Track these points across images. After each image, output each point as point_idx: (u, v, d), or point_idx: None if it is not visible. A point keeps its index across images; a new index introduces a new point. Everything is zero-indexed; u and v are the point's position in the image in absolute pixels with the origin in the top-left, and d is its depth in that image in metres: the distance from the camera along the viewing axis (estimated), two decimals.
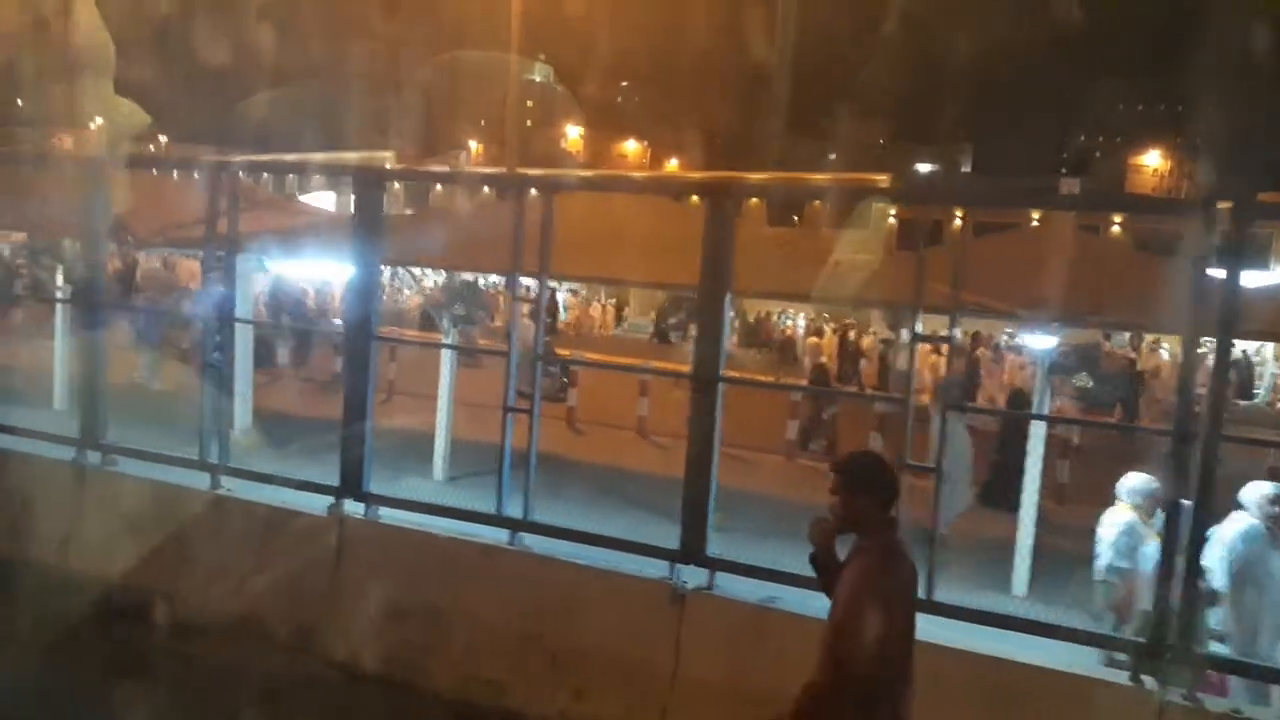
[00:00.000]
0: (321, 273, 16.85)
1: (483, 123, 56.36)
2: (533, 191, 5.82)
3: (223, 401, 6.34)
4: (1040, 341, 6.30)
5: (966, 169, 59.51)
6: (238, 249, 6.55)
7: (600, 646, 5.32)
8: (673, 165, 56.68)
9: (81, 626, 6.08)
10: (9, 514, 6.88)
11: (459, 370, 9.87)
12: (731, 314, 8.13)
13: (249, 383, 10.86)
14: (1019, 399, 9.81)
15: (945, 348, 5.49)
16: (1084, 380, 9.91)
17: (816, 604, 5.15)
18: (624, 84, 64.02)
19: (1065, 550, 7.18)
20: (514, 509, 5.79)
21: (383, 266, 6.12)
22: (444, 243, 6.18)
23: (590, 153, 56.07)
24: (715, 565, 5.29)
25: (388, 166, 33.82)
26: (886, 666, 3.03)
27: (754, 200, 7.95)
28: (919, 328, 4.99)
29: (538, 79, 61.81)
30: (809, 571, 4.86)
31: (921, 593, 4.96)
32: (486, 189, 7.96)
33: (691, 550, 5.33)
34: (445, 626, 5.73)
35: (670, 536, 5.48)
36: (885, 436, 10.42)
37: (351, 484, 6.12)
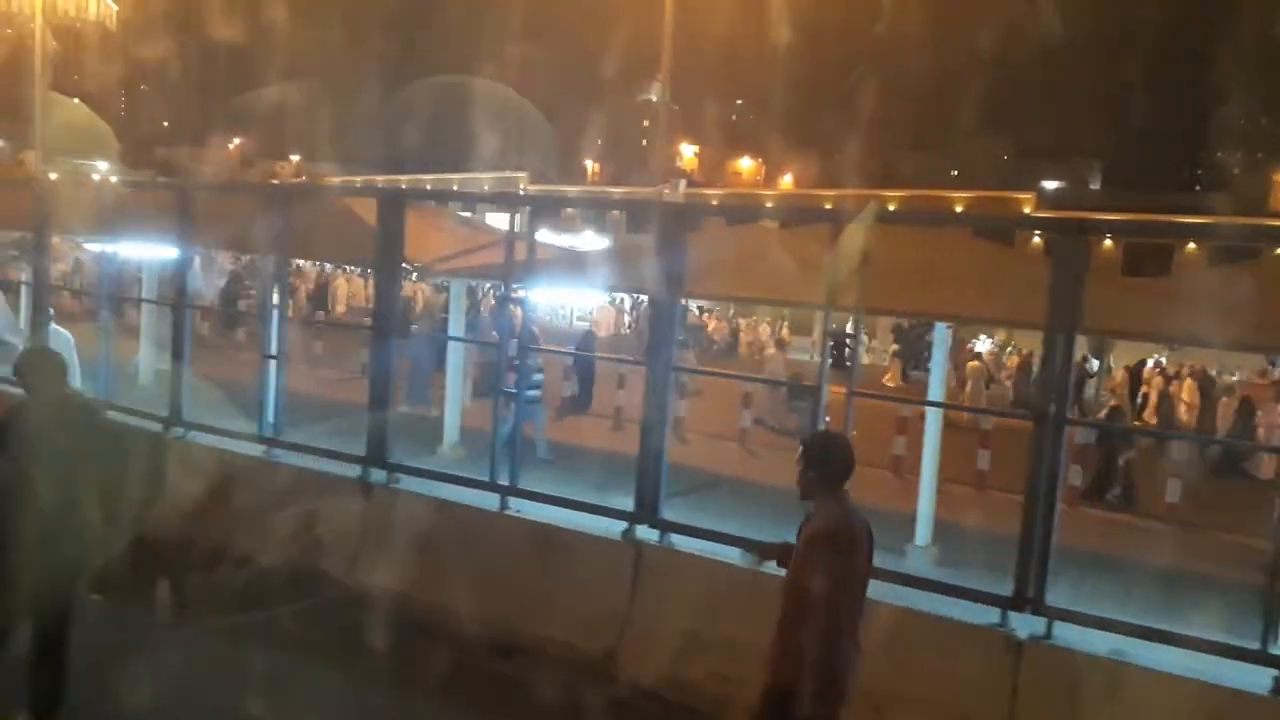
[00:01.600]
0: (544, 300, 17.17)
1: (599, 141, 57.10)
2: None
3: (520, 427, 6.48)
4: None
5: (1095, 185, 57.27)
6: (523, 281, 6.71)
7: (928, 694, 5.20)
8: (787, 183, 56.36)
9: (380, 640, 6.30)
10: (299, 528, 7.18)
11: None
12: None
13: (459, 400, 11.19)
14: None
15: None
16: None
17: (1167, 659, 4.97)
18: (739, 101, 64.05)
19: None
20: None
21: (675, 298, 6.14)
22: (741, 274, 6.20)
23: (704, 170, 56.13)
24: (1056, 615, 5.12)
25: (522, 188, 34.32)
26: (839, 608, 3.61)
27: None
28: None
29: (654, 98, 62.29)
30: (1156, 624, 4.65)
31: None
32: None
33: (1028, 597, 5.17)
34: (752, 660, 5.69)
35: (988, 581, 5.36)
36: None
37: (647, 510, 6.18)
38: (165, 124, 66.72)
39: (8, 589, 4.25)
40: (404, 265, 7.37)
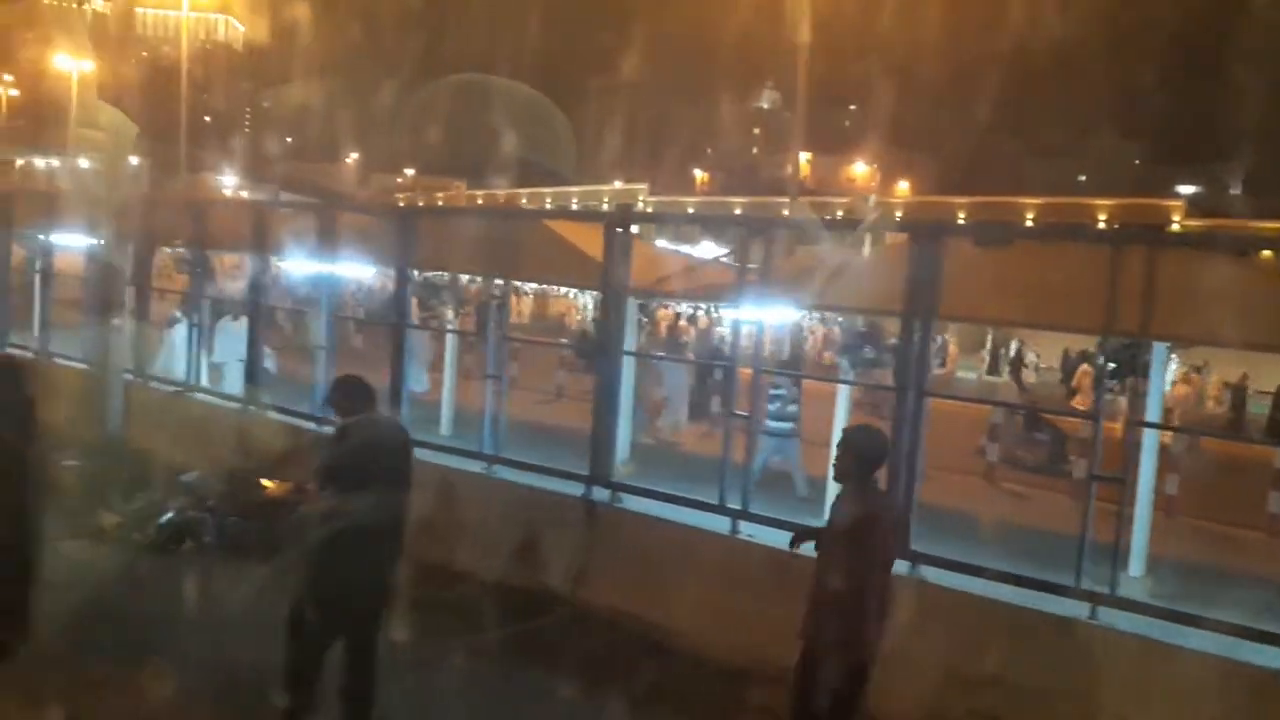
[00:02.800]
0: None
1: (709, 151, 57.09)
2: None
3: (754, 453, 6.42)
4: None
5: (1235, 190, 54.13)
6: (757, 302, 6.66)
7: None
8: (903, 189, 55.23)
9: (621, 661, 6.31)
10: (521, 544, 7.28)
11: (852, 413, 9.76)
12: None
13: (630, 417, 11.23)
14: None
15: None
16: None
17: None
18: (851, 106, 63.15)
19: None
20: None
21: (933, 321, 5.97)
22: (997, 294, 5.99)
23: (816, 177, 55.54)
24: None
25: (642, 200, 34.56)
26: (858, 590, 4.11)
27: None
28: None
29: (766, 106, 62.10)
30: None
31: None
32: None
33: None
34: (1020, 701, 5.48)
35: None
36: None
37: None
38: (289, 140, 69.87)
39: (346, 602, 4.45)
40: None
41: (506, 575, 7.16)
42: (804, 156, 59.03)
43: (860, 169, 55.82)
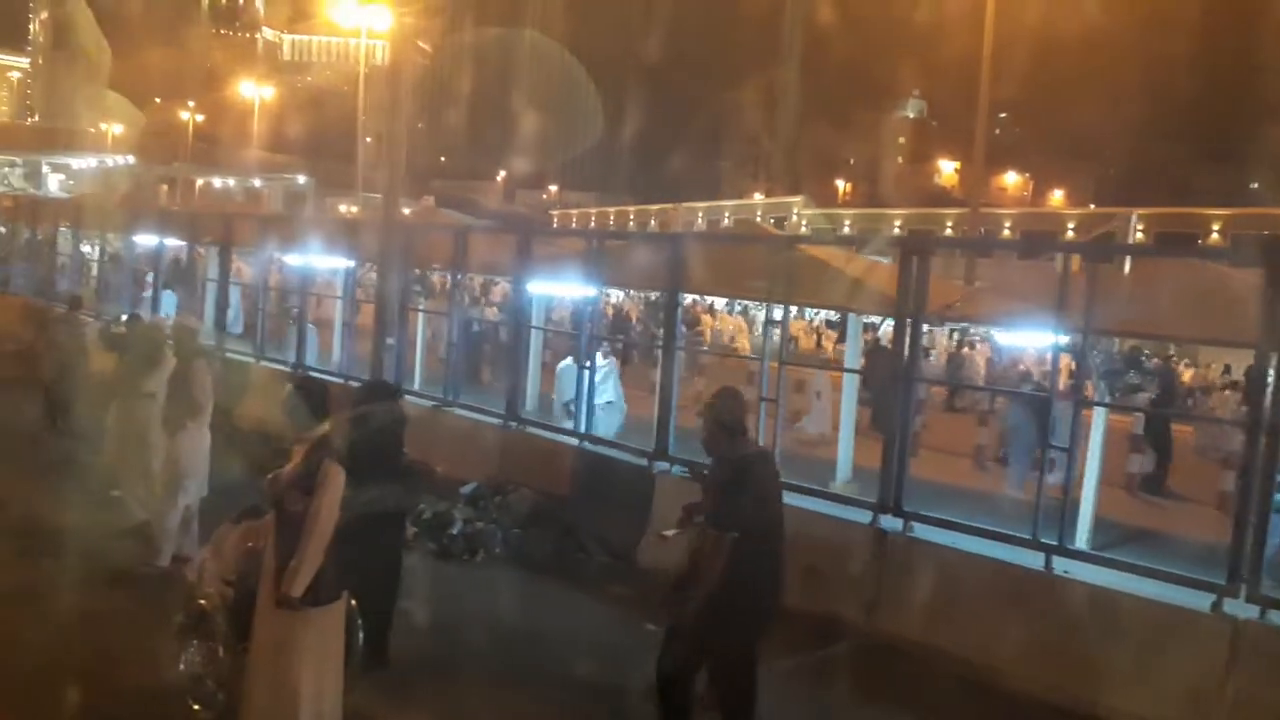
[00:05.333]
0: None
1: (851, 161, 56.23)
2: None
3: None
4: None
5: None
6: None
7: None
8: (1057, 198, 52.98)
9: (934, 694, 6.22)
10: (807, 571, 7.27)
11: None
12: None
13: (852, 433, 11.12)
14: None
15: None
16: None
17: None
18: (1002, 115, 60.93)
19: None
20: None
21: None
22: None
23: (966, 187, 53.87)
24: None
25: (796, 213, 34.21)
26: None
27: None
28: None
29: (911, 115, 60.70)
30: None
31: None
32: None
33: None
34: None
35: None
36: None
37: (1248, 583, 5.74)
38: (442, 159, 72.74)
39: (742, 625, 4.58)
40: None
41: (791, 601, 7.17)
42: (950, 166, 57.53)
43: (1011, 179, 53.82)
